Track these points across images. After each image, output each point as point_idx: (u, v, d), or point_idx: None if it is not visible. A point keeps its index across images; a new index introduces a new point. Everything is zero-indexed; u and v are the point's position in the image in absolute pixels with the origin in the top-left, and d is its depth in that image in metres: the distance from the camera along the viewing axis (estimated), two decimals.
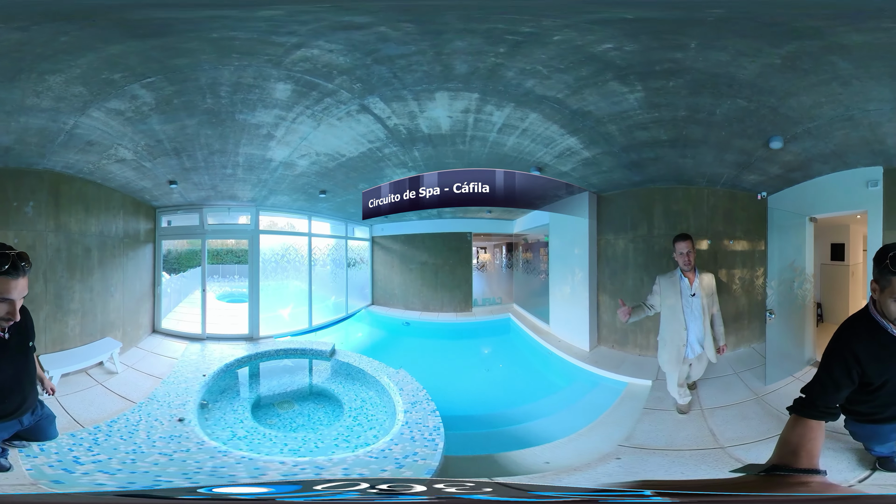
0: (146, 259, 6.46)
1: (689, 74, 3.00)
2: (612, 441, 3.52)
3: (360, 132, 4.55)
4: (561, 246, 6.72)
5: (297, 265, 7.41)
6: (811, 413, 1.66)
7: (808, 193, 4.50)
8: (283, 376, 5.78)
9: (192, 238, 6.94)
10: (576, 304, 6.13)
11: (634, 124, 3.87)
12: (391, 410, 4.47)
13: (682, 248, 3.60)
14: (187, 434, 3.69)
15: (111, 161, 4.71)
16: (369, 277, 8.73)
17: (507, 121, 4.15)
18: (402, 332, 8.14)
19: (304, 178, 5.78)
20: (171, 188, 5.59)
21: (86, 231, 5.15)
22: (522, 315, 8.18)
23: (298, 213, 7.20)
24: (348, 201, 6.95)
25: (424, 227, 8.29)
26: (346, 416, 4.62)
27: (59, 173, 4.69)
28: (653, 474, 2.99)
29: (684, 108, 3.47)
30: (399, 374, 5.27)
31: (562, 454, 3.43)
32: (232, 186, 5.70)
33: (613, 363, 5.26)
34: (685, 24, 2.54)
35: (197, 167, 5.06)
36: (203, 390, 4.86)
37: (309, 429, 4.43)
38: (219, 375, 5.34)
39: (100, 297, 5.35)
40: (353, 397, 5.05)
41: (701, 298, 3.64)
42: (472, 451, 3.72)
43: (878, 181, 3.81)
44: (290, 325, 7.19)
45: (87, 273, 5.17)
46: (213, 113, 3.86)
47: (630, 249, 5.57)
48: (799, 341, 4.60)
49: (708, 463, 3.07)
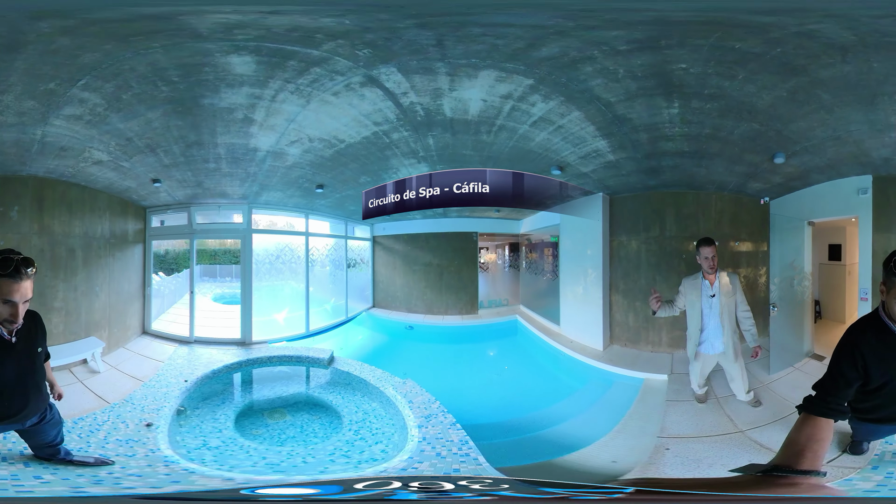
0: (135, 259, 6.41)
1: (724, 100, 3.57)
2: (649, 434, 3.76)
3: (363, 111, 4.07)
4: (572, 246, 6.72)
5: (292, 266, 7.22)
6: (823, 410, 1.72)
7: (806, 200, 4.98)
8: (275, 384, 5.55)
9: (180, 238, 6.83)
10: (589, 303, 6.20)
11: (663, 135, 4.26)
12: (400, 424, 4.18)
13: (707, 253, 3.91)
14: (146, 440, 3.52)
15: (89, 164, 4.75)
16: (370, 279, 8.49)
17: (546, 114, 4.08)
18: (406, 337, 7.84)
19: (298, 170, 5.45)
20: (156, 187, 5.48)
21: (69, 232, 5.21)
22: (530, 316, 7.88)
23: (295, 210, 6.98)
24: (348, 197, 6.66)
25: (428, 226, 7.99)
26: (346, 429, 4.34)
27: (42, 178, 4.85)
28: (703, 460, 3.27)
29: (710, 126, 4.03)
30: (406, 385, 4.96)
31: (616, 452, 3.61)
32: (219, 182, 5.52)
33: (628, 361, 5.46)
34: (746, 56, 3.00)
35: (177, 163, 4.89)
36: (183, 396, 4.69)
37: (300, 442, 4.17)
38: (203, 381, 5.15)
39: (84, 296, 5.36)
40: (353, 409, 4.77)
41: (720, 298, 3.92)
42: (513, 460, 3.61)
43: (868, 189, 4.34)
44: (285, 329, 6.98)
45: (70, 273, 5.20)
46: (175, 101, 3.64)
47: (643, 250, 5.83)
48: (798, 335, 5.01)
49: (739, 446, 3.47)
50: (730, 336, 3.93)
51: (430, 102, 3.94)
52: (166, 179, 5.36)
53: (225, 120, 4.04)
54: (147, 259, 6.58)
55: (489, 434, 4.04)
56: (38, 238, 4.87)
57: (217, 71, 3.24)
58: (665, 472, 3.08)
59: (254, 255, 6.60)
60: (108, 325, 5.68)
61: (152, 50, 2.93)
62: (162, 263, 7.23)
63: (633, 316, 5.94)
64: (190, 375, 5.11)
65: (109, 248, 5.80)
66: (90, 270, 5.46)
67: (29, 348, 2.45)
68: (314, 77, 3.47)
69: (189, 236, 6.56)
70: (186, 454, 3.67)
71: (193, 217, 6.51)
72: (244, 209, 6.38)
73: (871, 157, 4.06)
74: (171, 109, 3.80)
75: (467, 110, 4.09)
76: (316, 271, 7.62)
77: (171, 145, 4.50)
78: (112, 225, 5.81)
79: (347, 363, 5.86)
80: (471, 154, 5.10)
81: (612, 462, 3.44)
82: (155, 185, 5.40)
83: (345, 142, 4.75)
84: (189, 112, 3.85)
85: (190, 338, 6.37)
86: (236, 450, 3.83)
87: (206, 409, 4.73)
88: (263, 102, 3.81)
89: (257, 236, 6.67)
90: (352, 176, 5.81)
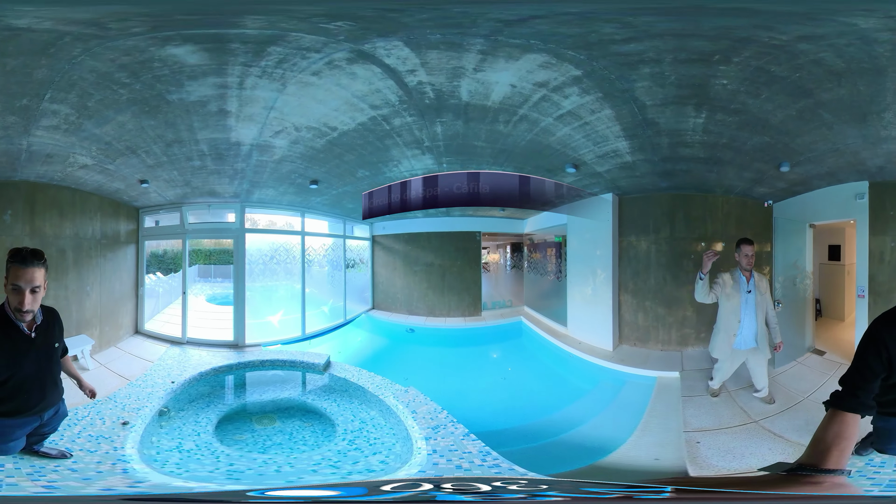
0: (127, 260, 6.50)
1: (745, 115, 3.88)
2: (674, 430, 3.91)
3: (356, 92, 3.68)
4: (581, 247, 6.73)
5: (287, 267, 7.16)
6: (853, 405, 1.72)
7: (808, 203, 5.33)
8: (266, 389, 5.46)
9: (173, 238, 6.86)
10: (598, 304, 6.25)
11: (683, 141, 4.45)
12: (403, 435, 4.00)
13: (748, 251, 4.15)
14: (117, 438, 3.50)
15: (75, 168, 4.87)
16: (370, 280, 8.39)
17: (577, 108, 3.99)
18: (407, 340, 7.72)
19: (288, 164, 5.26)
20: (144, 187, 5.52)
21: (60, 234, 5.36)
22: (535, 318, 7.68)
23: (290, 209, 6.92)
24: (345, 194, 6.55)
25: (430, 225, 7.86)
26: (339, 438, 4.18)
27: (34, 183, 5.05)
28: (732, 451, 3.47)
29: (727, 137, 4.31)
30: (409, 393, 4.77)
31: (651, 450, 3.71)
32: (206, 181, 5.50)
33: (639, 360, 5.59)
34: (774, 78, 3.31)
35: (160, 163, 4.89)
36: (168, 397, 4.65)
37: (285, 450, 4.04)
38: (190, 383, 5.11)
39: (75, 295, 5.48)
40: (349, 417, 4.61)
41: (756, 295, 4.18)
42: (550, 467, 3.57)
43: (865, 194, 4.71)
44: (280, 332, 6.90)
45: (61, 272, 5.32)
46: (140, 101, 3.62)
47: (652, 251, 5.96)
48: (800, 331, 5.42)
49: (758, 436, 3.73)
50: (762, 333, 4.20)
51: (444, 83, 3.55)
52: (153, 180, 5.38)
53: (199, 114, 3.94)
54: (140, 259, 6.65)
55: (507, 441, 3.92)
56: (29, 240, 4.97)
57: (168, 64, 3.14)
58: (709, 464, 3.30)
59: (248, 255, 6.56)
60: (99, 324, 5.78)
61: (79, 58, 2.98)
62: (160, 263, 7.29)
63: (643, 315, 5.99)
64: (178, 377, 5.08)
65: (100, 249, 5.91)
66: (81, 270, 5.57)
67: (47, 343, 2.60)
68: (280, 57, 3.17)
69: (181, 236, 6.59)
70: (156, 455, 3.64)
71: (185, 217, 6.54)
72: (237, 208, 6.36)
73: (867, 166, 4.48)
74: (138, 110, 3.78)
75: (489, 95, 3.79)
76: (313, 272, 7.55)
77: (151, 145, 4.49)
78: (103, 226, 5.92)
79: (345, 368, 5.72)
80: (482, 145, 4.83)
81: (655, 460, 3.55)
82: (143, 185, 5.43)
83: (337, 129, 4.42)
84: (158, 110, 3.81)
85: (182, 339, 6.38)
86: (206, 454, 3.74)
87: (190, 411, 4.68)
88: (232, 91, 3.61)
89: (251, 236, 6.64)
90: (348, 169, 5.59)
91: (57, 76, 3.20)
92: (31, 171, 4.77)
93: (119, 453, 3.23)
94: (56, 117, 3.80)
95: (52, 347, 2.65)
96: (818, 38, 2.81)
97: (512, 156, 5.16)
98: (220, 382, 5.54)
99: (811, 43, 2.87)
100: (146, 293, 6.79)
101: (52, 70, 3.12)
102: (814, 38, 2.82)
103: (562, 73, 3.45)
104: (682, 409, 4.25)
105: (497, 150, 4.94)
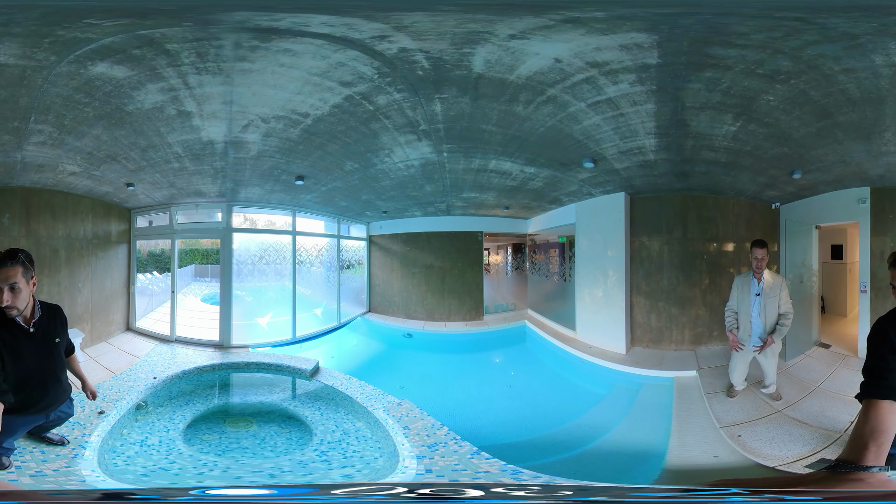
0: (119, 259, 7.21)
1: (773, 128, 4.40)
2: (709, 427, 4.25)
3: (312, 70, 3.36)
4: (591, 247, 6.93)
5: (277, 267, 7.54)
6: (882, 391, 1.73)
7: (814, 206, 6.03)
8: (248, 391, 5.79)
9: (162, 238, 7.52)
10: (610, 306, 6.51)
11: (709, 145, 4.84)
12: (390, 451, 3.91)
13: (758, 254, 4.56)
14: (89, 424, 3.96)
15: (65, 175, 5.62)
16: (366, 282, 8.65)
17: (618, 97, 3.99)
18: (404, 345, 7.93)
19: (267, 159, 5.38)
20: (131, 190, 6.20)
21: (53, 235, 6.12)
22: (540, 321, 7.80)
23: (279, 207, 7.31)
24: (335, 190, 6.71)
25: (429, 224, 8.02)
26: (310, 448, 4.21)
27: (30, 188, 5.85)
28: (773, 440, 3.90)
29: (752, 146, 4.80)
30: (403, 406, 4.72)
31: (698, 449, 3.97)
32: (189, 181, 6.06)
33: (654, 361, 5.91)
34: (810, 100, 3.81)
35: (141, 167, 5.47)
36: (147, 392, 5.14)
37: (252, 455, 4.18)
38: (172, 381, 5.66)
39: (67, 291, 6.22)
40: (330, 427, 4.65)
41: (764, 297, 4.59)
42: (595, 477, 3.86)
43: (867, 199, 5.52)
44: (269, 334, 7.28)
45: (54, 270, 6.08)
46: (104, 116, 4.19)
47: (665, 251, 6.33)
48: (807, 326, 5.99)
49: (786, 423, 4.23)
50: (766, 333, 4.60)
51: (448, 49, 3.04)
52: (139, 183, 6.01)
53: (161, 119, 4.35)
54: (132, 258, 7.35)
55: (527, 455, 3.98)
56: (25, 241, 5.76)
57: (105, 81, 3.59)
58: (764, 453, 3.72)
59: (236, 255, 7.05)
60: (90, 319, 6.50)
61: (43, 87, 3.59)
62: (157, 262, 8.02)
63: (656, 316, 6.36)
64: (161, 373, 5.60)
65: (92, 248, 6.64)
66: (73, 268, 6.30)
67: (47, 339, 2.82)
68: (198, 51, 3.10)
69: (170, 236, 7.23)
70: (119, 446, 4.08)
71: (175, 217, 7.16)
72: (223, 207, 6.89)
73: (869, 175, 5.25)
74: (107, 123, 4.34)
75: (515, 67, 3.33)
76: (305, 273, 7.87)
77: (128, 152, 5.08)
78: (94, 226, 6.65)
79: (334, 375, 5.85)
80: (492, 129, 4.52)
81: (714, 457, 3.81)
82: (129, 188, 6.11)
83: (309, 115, 4.21)
84: (123, 121, 4.33)
85: (171, 337, 6.99)
86: (160, 451, 4.09)
87: (168, 407, 5.13)
88: (182, 92, 3.74)
89: (241, 236, 7.12)
90: (334, 162, 5.53)
91: (35, 102, 3.90)
92: (26, 178, 5.56)
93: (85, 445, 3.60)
94: (42, 135, 4.55)
95: (53, 343, 2.85)
96: (857, 70, 3.31)
97: (525, 144, 4.96)
98: (204, 381, 5.97)
99: (848, 75, 3.38)
100: (140, 291, 7.47)
101: (31, 98, 3.81)
102: (854, 70, 3.31)
103: (634, 58, 3.27)
104: (708, 406, 4.64)
105: (509, 136, 4.68)
